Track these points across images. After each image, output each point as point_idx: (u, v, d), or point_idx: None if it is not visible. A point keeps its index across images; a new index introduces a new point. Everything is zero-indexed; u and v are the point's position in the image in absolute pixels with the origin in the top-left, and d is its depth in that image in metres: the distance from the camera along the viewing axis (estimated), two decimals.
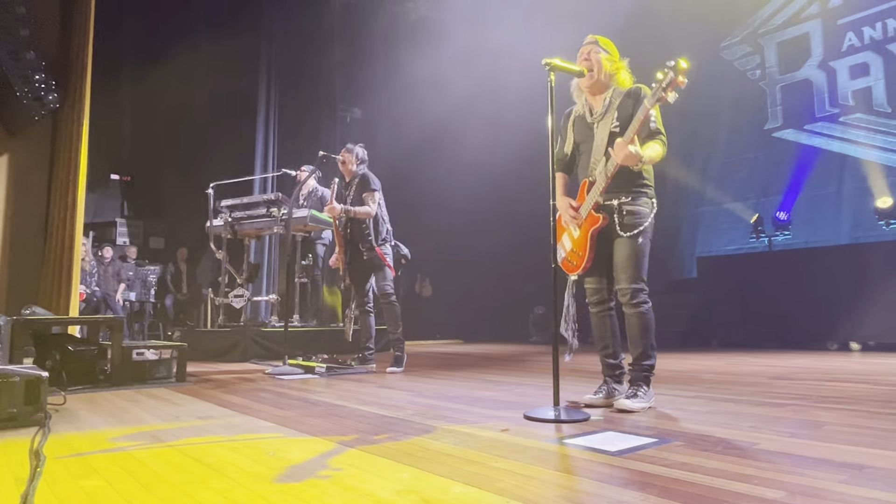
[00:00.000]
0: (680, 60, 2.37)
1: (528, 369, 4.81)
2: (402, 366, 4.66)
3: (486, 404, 2.91)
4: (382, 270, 4.69)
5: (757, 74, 8.59)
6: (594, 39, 2.83)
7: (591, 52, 2.79)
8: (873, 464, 1.68)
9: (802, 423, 2.30)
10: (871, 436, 2.06)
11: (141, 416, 2.69)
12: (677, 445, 1.95)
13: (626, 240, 2.69)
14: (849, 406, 2.69)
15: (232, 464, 1.80)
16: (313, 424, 2.41)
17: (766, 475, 1.60)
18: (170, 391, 3.55)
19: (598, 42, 2.82)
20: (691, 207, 8.81)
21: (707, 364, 4.97)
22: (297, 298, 6.58)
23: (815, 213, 7.69)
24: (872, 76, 7.49)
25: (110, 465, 1.80)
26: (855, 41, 7.67)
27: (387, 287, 4.69)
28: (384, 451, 1.92)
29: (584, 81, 2.81)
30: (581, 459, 1.81)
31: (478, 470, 1.69)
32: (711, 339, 7.40)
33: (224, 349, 5.82)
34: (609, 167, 2.63)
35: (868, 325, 6.23)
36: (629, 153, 2.50)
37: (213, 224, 6.33)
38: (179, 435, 2.24)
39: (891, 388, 3.25)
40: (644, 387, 2.70)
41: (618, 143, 2.54)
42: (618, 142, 2.55)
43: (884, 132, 7.32)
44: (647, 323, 2.72)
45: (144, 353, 3.90)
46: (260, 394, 3.39)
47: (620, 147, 2.52)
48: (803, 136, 8.03)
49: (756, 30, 8.62)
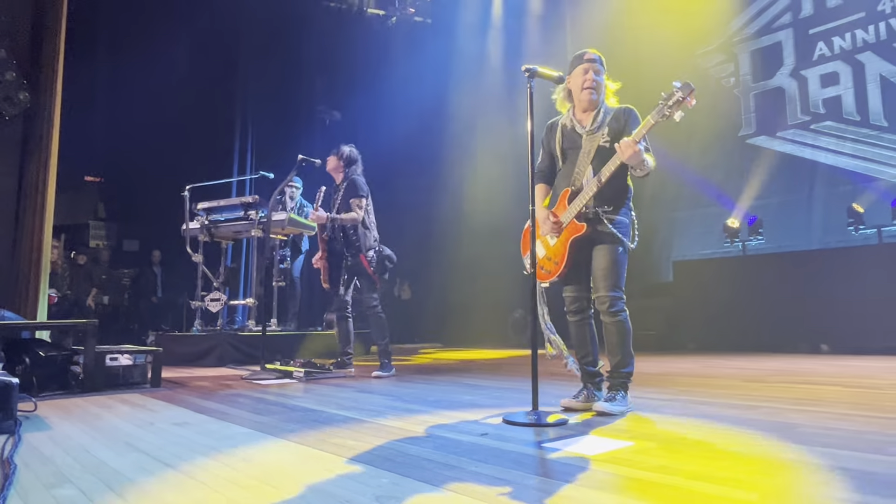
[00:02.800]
0: (688, 83, 2.48)
1: (507, 373, 4.83)
2: (390, 371, 4.59)
3: (466, 408, 2.92)
4: (365, 279, 4.62)
5: (731, 82, 8.74)
6: (597, 57, 2.85)
7: (596, 73, 2.82)
8: (844, 465, 1.72)
9: (776, 425, 2.34)
10: (841, 437, 2.10)
11: (115, 422, 2.64)
12: (654, 448, 1.98)
13: (606, 249, 2.73)
14: (820, 408, 2.75)
15: (208, 471, 1.78)
16: (291, 430, 2.39)
17: (741, 477, 1.63)
18: (144, 397, 3.49)
19: (600, 61, 2.85)
20: (667, 212, 8.92)
21: (683, 366, 5.03)
22: (276, 302, 6.52)
23: (787, 218, 7.84)
24: (842, 85, 7.67)
25: (84, 473, 1.77)
26: (826, 51, 7.85)
27: (371, 300, 4.60)
28: (363, 457, 1.92)
29: (584, 97, 2.82)
30: (560, 463, 1.82)
31: (457, 475, 1.69)
32: (687, 342, 7.49)
33: (200, 354, 5.74)
34: (604, 173, 2.66)
35: (838, 328, 6.37)
36: (636, 151, 2.55)
37: (190, 227, 6.25)
38: (154, 442, 2.20)
39: (860, 390, 3.33)
40: (622, 392, 2.74)
41: (624, 142, 2.57)
42: (624, 140, 2.58)
43: (853, 140, 7.50)
44: (625, 331, 2.76)
45: (118, 357, 3.83)
46: (237, 399, 3.35)
47: (628, 145, 2.55)
48: (776, 143, 8.20)
49: (730, 38, 8.78)
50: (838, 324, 6.38)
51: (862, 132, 7.45)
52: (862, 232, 6.86)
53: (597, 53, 2.86)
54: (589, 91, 2.80)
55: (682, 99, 2.49)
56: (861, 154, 7.41)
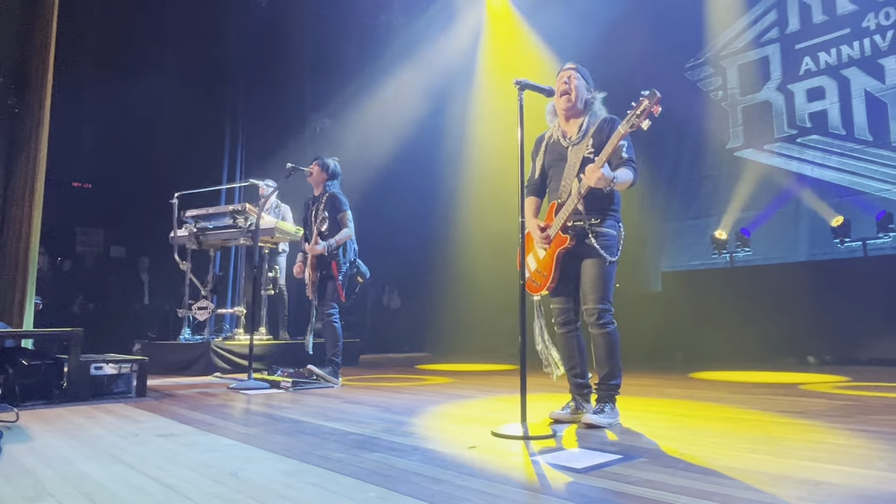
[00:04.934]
0: (655, 90, 2.46)
1: (496, 384, 4.82)
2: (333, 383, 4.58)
3: (454, 420, 2.91)
4: (330, 286, 4.65)
5: (720, 95, 8.84)
6: (574, 66, 2.89)
7: (570, 78, 2.85)
8: (830, 479, 1.73)
9: (761, 439, 2.35)
10: (827, 451, 2.12)
11: (98, 433, 2.60)
12: (642, 462, 1.98)
13: (594, 262, 2.74)
14: (806, 420, 2.77)
15: (193, 484, 1.75)
16: (278, 442, 2.37)
17: (727, 492, 1.63)
18: (129, 407, 3.45)
19: (578, 69, 2.88)
20: (657, 223, 8.97)
21: (671, 378, 5.05)
22: (264, 310, 6.47)
23: (774, 230, 7.91)
24: (828, 99, 7.78)
25: (65, 486, 1.74)
26: (812, 66, 7.96)
27: (330, 306, 4.64)
28: (350, 470, 1.90)
29: (560, 104, 2.85)
30: (547, 477, 1.82)
31: (444, 489, 1.68)
32: (676, 353, 7.52)
33: (187, 363, 5.68)
34: (581, 189, 2.67)
35: (824, 340, 6.43)
36: (601, 176, 2.55)
37: (178, 234, 6.21)
38: (138, 453, 2.18)
39: (846, 403, 3.35)
40: (610, 404, 2.74)
41: (589, 168, 2.60)
42: (589, 167, 2.60)
43: (839, 153, 7.60)
44: (613, 343, 2.77)
45: (103, 366, 3.79)
46: (223, 410, 3.32)
47: (592, 170, 2.57)
48: (763, 156, 8.28)
49: (719, 52, 8.88)
50: (825, 336, 6.44)
51: (847, 146, 7.55)
52: (847, 245, 6.94)
53: (576, 65, 2.90)
54: (566, 97, 2.82)
55: (648, 108, 2.50)
56: (846, 167, 7.51)
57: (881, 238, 6.73)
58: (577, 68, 2.89)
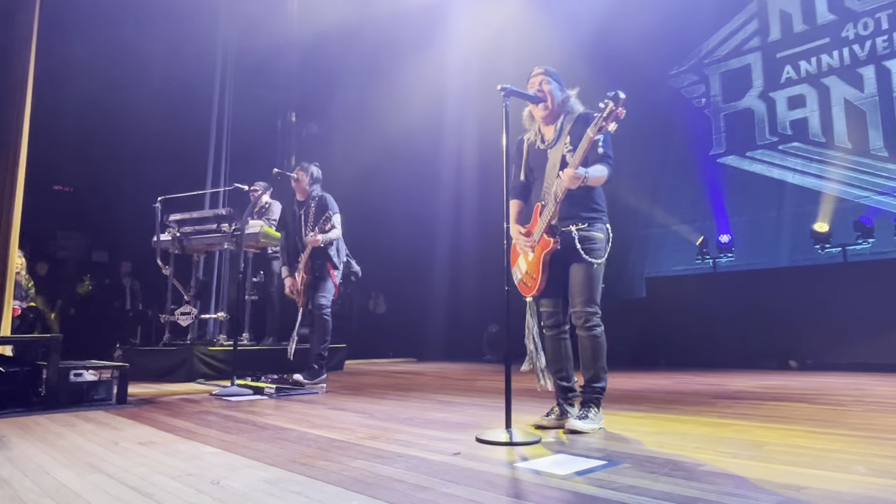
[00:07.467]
0: (618, 92, 2.46)
1: (481, 389, 4.81)
2: (316, 380, 4.60)
3: (439, 426, 2.90)
4: (325, 282, 4.71)
5: (702, 102, 8.94)
6: (543, 69, 2.90)
7: (542, 83, 2.86)
8: (811, 484, 1.75)
9: (744, 444, 2.37)
10: (808, 456, 2.14)
11: (77, 441, 2.56)
12: (626, 468, 1.98)
13: (582, 265, 2.75)
14: (788, 425, 2.79)
15: (174, 494, 1.73)
16: (261, 450, 2.34)
17: (710, 497, 1.64)
18: (109, 414, 3.40)
19: (547, 72, 2.89)
20: (641, 229, 9.04)
21: (655, 383, 5.08)
22: (248, 316, 6.42)
23: (756, 236, 8.01)
24: (808, 107, 7.91)
25: (42, 497, 1.71)
26: (792, 74, 8.09)
27: (324, 299, 4.69)
28: (333, 478, 1.89)
29: (538, 112, 2.87)
30: (532, 483, 1.81)
31: (428, 496, 1.67)
32: (660, 358, 7.57)
33: (169, 369, 5.61)
34: (558, 191, 2.68)
35: (805, 344, 6.51)
36: (572, 175, 2.58)
37: (161, 239, 6.14)
38: (118, 462, 2.14)
39: (826, 407, 3.39)
40: (594, 408, 2.75)
41: (564, 172, 2.62)
42: (564, 171, 2.62)
43: (819, 161, 7.72)
44: (600, 346, 2.77)
45: (83, 373, 3.73)
46: (205, 417, 3.28)
47: (569, 177, 2.60)
48: (745, 163, 8.39)
49: (702, 60, 9.00)
50: (806, 340, 6.52)
51: (827, 153, 7.67)
52: (828, 251, 7.04)
53: (544, 67, 2.91)
54: (542, 105, 2.84)
55: (613, 110, 2.50)
56: (826, 174, 7.62)
57: (860, 244, 6.84)
58: (546, 70, 2.90)
